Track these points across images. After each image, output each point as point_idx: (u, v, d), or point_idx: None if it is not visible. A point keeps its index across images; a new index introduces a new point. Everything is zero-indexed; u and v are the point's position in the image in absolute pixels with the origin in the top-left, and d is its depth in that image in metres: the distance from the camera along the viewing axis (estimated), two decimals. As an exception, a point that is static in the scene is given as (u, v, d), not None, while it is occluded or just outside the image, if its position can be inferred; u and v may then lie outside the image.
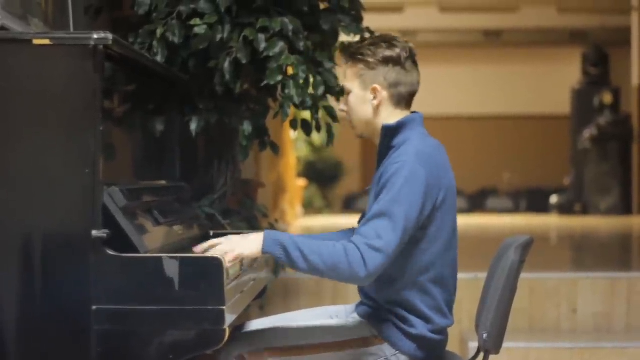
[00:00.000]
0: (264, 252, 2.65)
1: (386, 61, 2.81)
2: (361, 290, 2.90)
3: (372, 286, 2.79)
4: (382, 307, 2.79)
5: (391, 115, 2.84)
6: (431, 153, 2.77)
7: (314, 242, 2.65)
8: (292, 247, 2.63)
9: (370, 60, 2.81)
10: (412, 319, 2.76)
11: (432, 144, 2.82)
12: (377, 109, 2.83)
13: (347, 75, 2.88)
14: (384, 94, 2.82)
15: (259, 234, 2.68)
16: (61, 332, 2.52)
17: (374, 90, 2.82)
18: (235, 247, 2.66)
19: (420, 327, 2.76)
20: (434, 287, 2.78)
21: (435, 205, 2.72)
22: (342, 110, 2.93)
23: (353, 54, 2.85)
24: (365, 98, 2.84)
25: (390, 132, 2.82)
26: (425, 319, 2.77)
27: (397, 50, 2.81)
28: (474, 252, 7.57)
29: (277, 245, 2.64)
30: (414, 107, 2.89)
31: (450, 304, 2.84)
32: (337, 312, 3.04)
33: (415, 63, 2.85)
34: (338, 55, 3.95)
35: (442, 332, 2.82)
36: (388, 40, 2.83)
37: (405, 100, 2.85)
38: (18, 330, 2.52)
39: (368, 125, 2.87)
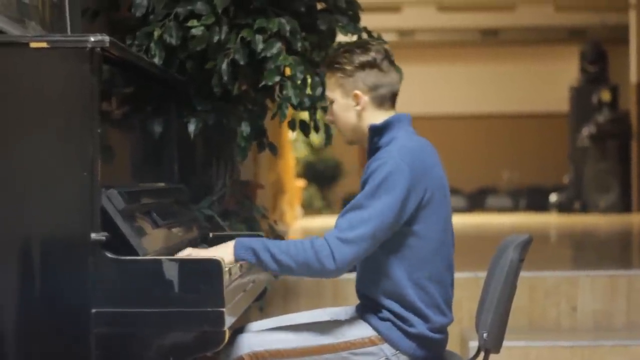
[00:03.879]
0: (236, 259, 2.72)
1: (362, 66, 2.83)
2: (358, 290, 2.91)
3: (369, 282, 2.80)
4: (380, 305, 2.80)
5: (376, 118, 2.86)
6: (415, 150, 2.78)
7: (283, 242, 2.70)
8: (262, 249, 2.69)
9: (347, 67, 2.84)
10: (411, 317, 2.77)
11: (418, 141, 2.84)
12: (360, 114, 2.86)
13: (328, 85, 2.91)
14: (365, 98, 2.84)
15: (230, 242, 2.74)
16: (60, 335, 2.51)
17: (356, 97, 2.84)
18: None
19: (419, 326, 2.77)
20: (430, 284, 2.78)
21: (421, 204, 2.74)
22: (330, 120, 2.96)
23: (331, 63, 2.88)
24: (347, 105, 2.87)
25: (377, 132, 2.85)
26: (424, 318, 2.77)
27: (372, 54, 2.84)
28: (473, 251, 7.57)
29: (248, 250, 2.71)
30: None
31: (448, 301, 2.85)
32: (337, 314, 3.04)
33: (392, 63, 2.88)
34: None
35: (442, 330, 2.82)
36: (362, 46, 2.87)
37: (388, 100, 2.88)
38: (17, 333, 2.51)
39: (355, 131, 2.90)
